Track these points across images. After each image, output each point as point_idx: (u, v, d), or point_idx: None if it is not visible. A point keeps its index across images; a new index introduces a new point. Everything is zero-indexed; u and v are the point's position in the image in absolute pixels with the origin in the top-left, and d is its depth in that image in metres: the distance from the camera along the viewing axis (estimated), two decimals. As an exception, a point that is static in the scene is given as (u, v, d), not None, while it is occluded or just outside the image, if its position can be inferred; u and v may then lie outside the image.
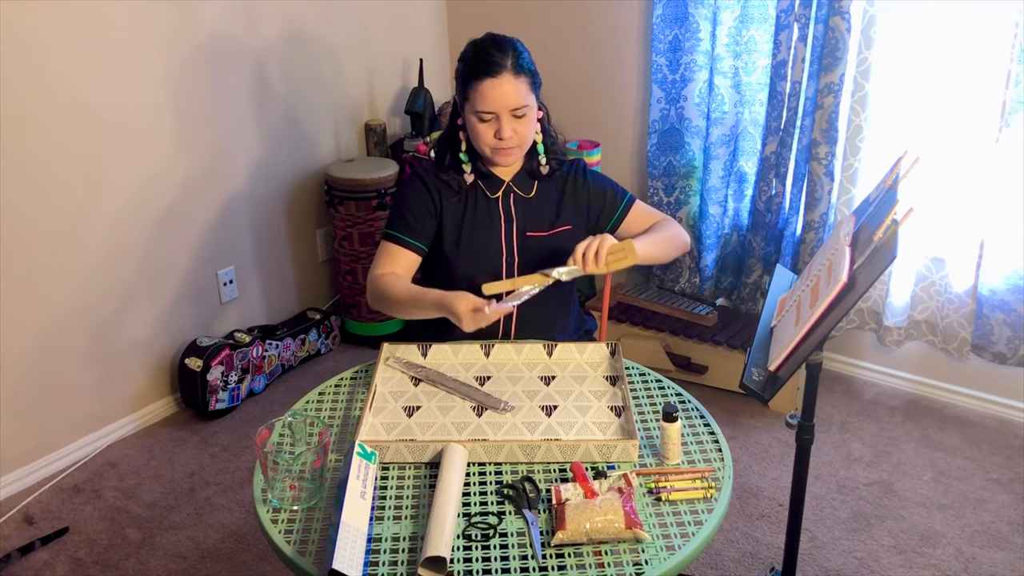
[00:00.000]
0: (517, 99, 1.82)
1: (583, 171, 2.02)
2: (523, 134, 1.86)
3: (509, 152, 1.87)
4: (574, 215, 1.99)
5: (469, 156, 1.94)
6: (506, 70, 1.80)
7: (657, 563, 1.32)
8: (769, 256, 3.10)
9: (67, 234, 2.65)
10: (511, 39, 1.87)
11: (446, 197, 1.94)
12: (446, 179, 1.94)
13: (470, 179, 1.94)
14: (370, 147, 3.51)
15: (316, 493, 1.46)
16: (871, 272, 1.46)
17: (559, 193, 1.99)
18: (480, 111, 1.83)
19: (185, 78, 2.86)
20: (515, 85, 1.81)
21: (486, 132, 1.85)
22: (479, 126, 1.85)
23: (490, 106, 1.81)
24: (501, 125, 1.82)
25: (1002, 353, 2.82)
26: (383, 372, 1.79)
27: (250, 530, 2.47)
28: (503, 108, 1.81)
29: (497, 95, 1.80)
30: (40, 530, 2.48)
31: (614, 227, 2.02)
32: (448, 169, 1.95)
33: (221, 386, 2.96)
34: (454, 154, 1.95)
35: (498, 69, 1.80)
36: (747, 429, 2.89)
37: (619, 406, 1.68)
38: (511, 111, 1.82)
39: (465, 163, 1.93)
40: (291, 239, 3.38)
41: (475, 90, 1.82)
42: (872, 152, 2.89)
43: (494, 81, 1.80)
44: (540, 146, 1.95)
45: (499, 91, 1.80)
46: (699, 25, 2.99)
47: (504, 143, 1.84)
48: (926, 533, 2.42)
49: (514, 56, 1.82)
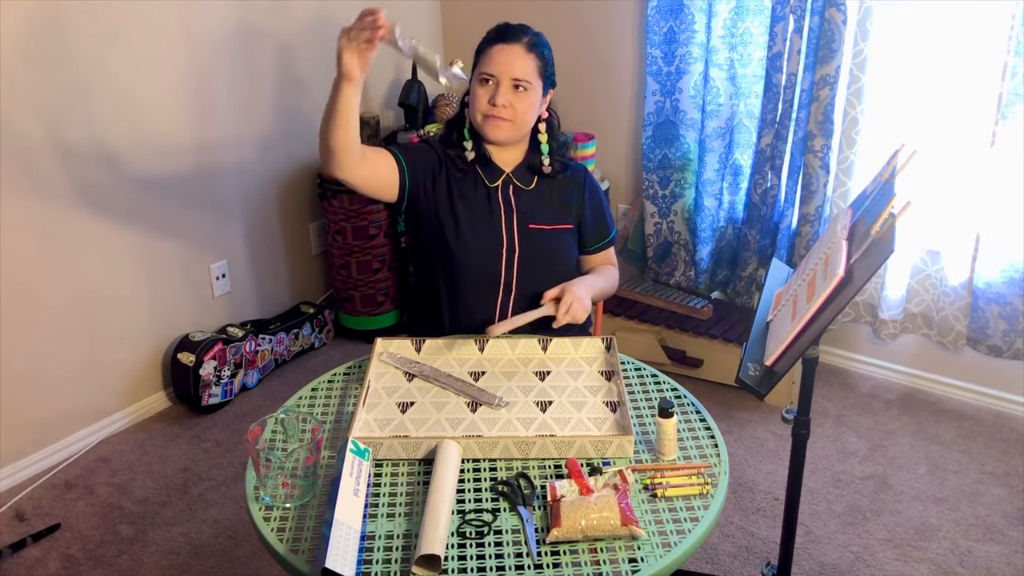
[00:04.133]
0: (522, 70, 1.85)
1: (587, 182, 2.04)
2: (519, 110, 1.87)
3: (499, 124, 1.87)
4: (573, 218, 2.01)
5: (471, 134, 1.95)
6: (520, 43, 1.86)
7: (653, 560, 1.31)
8: (765, 249, 3.09)
9: (59, 229, 2.63)
10: (538, 31, 1.92)
11: (451, 172, 1.96)
12: (451, 154, 1.96)
13: (471, 156, 1.95)
14: (364, 140, 3.47)
15: (309, 490, 1.45)
16: (868, 266, 1.45)
17: (561, 193, 2.00)
18: (482, 72, 1.87)
19: (175, 73, 2.84)
20: (523, 58, 1.85)
21: (482, 95, 1.87)
22: (478, 89, 1.88)
23: (492, 68, 1.85)
24: (498, 90, 1.85)
25: (997, 346, 2.82)
26: (376, 367, 1.78)
27: (243, 526, 2.46)
28: (504, 73, 1.84)
29: (502, 58, 1.84)
30: (32, 527, 2.46)
31: (584, 254, 2.07)
32: (453, 145, 1.97)
33: (214, 381, 2.95)
34: (457, 129, 1.97)
35: (512, 39, 1.86)
36: (743, 423, 2.89)
37: (614, 401, 1.67)
38: (512, 79, 1.84)
39: (467, 139, 1.95)
40: (284, 233, 3.36)
41: (484, 53, 1.87)
42: (868, 145, 2.88)
43: (503, 46, 1.85)
44: (544, 146, 1.97)
45: (505, 55, 1.84)
46: (694, 17, 2.98)
47: (496, 110, 1.85)
48: (921, 527, 2.42)
49: (534, 38, 1.88)
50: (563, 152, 2.00)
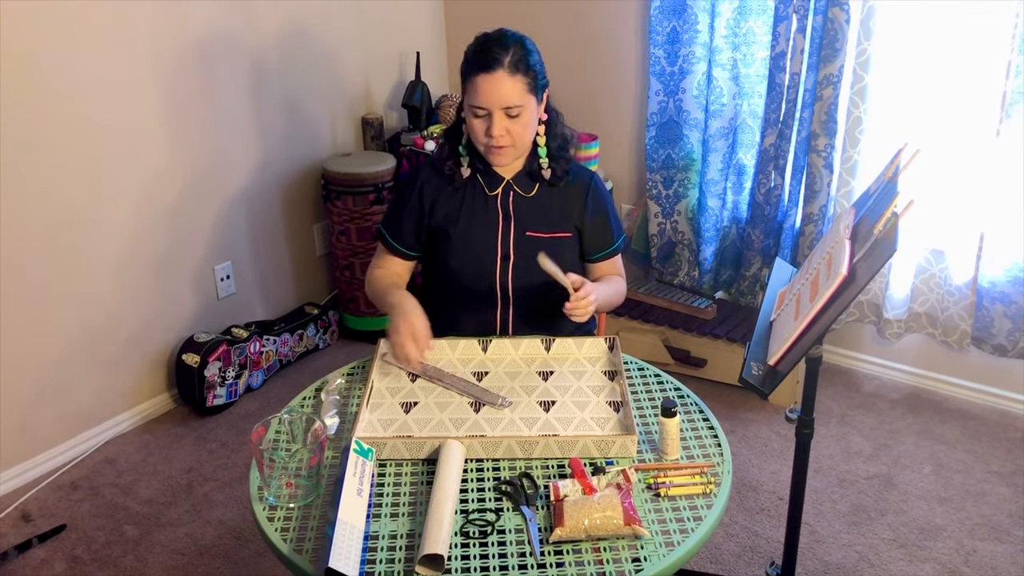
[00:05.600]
0: (510, 97, 1.78)
1: (592, 187, 1.98)
2: (517, 135, 1.82)
3: (500, 152, 1.84)
4: (573, 226, 1.96)
5: (468, 150, 1.92)
6: (502, 67, 1.76)
7: (656, 559, 1.31)
8: (768, 249, 3.09)
9: (64, 232, 2.64)
10: (519, 37, 1.83)
11: (442, 192, 1.93)
12: (445, 170, 1.93)
13: (466, 173, 1.92)
14: (367, 141, 3.49)
15: (313, 491, 1.45)
16: (871, 265, 1.45)
17: (562, 200, 1.95)
18: (473, 105, 1.81)
19: (182, 74, 2.84)
20: (510, 83, 1.77)
21: (479, 128, 1.82)
22: (473, 121, 1.83)
23: (482, 101, 1.79)
24: (492, 122, 1.80)
25: (1002, 345, 2.81)
26: (380, 368, 1.78)
27: (248, 526, 2.46)
28: (495, 105, 1.78)
29: (489, 91, 1.77)
30: (37, 527, 2.47)
31: (590, 261, 2.02)
32: (448, 160, 1.93)
33: (218, 382, 2.95)
34: (454, 146, 1.93)
35: (494, 65, 1.77)
36: (746, 423, 2.89)
37: (618, 401, 1.67)
38: (503, 108, 1.79)
39: (463, 156, 1.92)
40: (288, 234, 3.36)
41: (470, 83, 1.80)
42: (872, 144, 2.87)
43: (488, 77, 1.77)
44: (542, 149, 1.91)
45: (491, 87, 1.77)
46: (697, 17, 2.98)
47: (494, 141, 1.81)
48: (926, 526, 2.41)
49: (515, 54, 1.78)
50: (564, 151, 1.93)
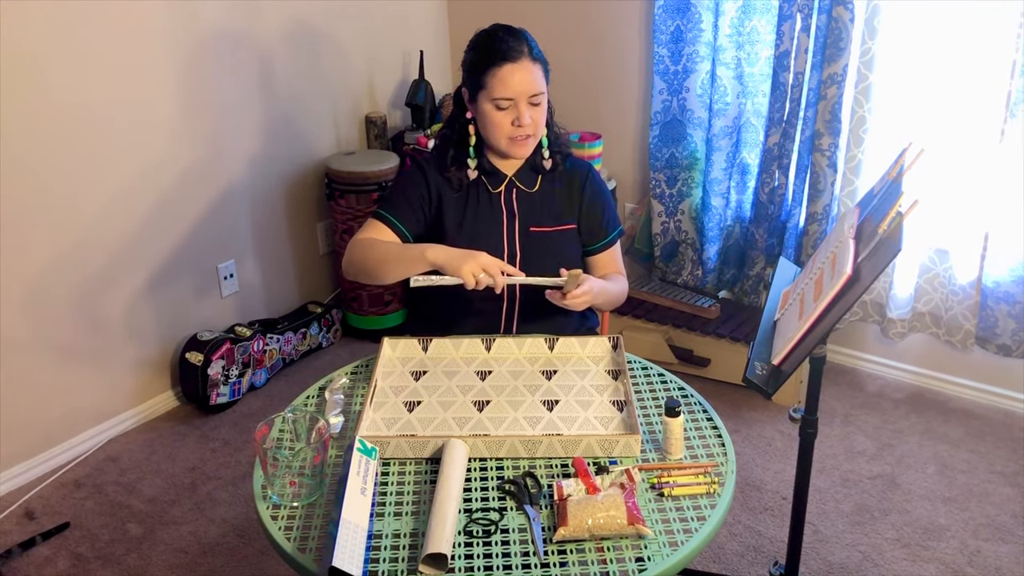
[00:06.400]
0: (535, 85, 1.81)
1: (590, 178, 1.98)
2: (538, 121, 1.85)
3: (525, 142, 1.85)
4: (574, 217, 1.96)
5: (476, 151, 1.91)
6: (524, 56, 1.80)
7: (660, 559, 1.31)
8: (772, 248, 3.08)
9: (66, 229, 2.64)
10: (520, 28, 1.86)
11: (446, 193, 1.92)
12: (447, 176, 1.92)
13: (473, 175, 1.92)
14: (371, 140, 3.49)
15: (316, 490, 1.45)
16: (876, 265, 1.45)
17: (564, 190, 1.96)
18: (498, 98, 1.80)
19: (185, 72, 2.85)
20: (533, 71, 1.81)
21: (503, 121, 1.82)
22: (496, 115, 1.82)
23: (510, 91, 1.79)
24: (520, 112, 1.81)
25: (1006, 345, 2.80)
26: (383, 367, 1.78)
27: (251, 525, 2.46)
28: (522, 94, 1.80)
29: (517, 80, 1.79)
30: (41, 525, 2.47)
31: (586, 255, 2.01)
32: (449, 166, 1.92)
33: (222, 380, 2.95)
34: (457, 150, 1.92)
35: (517, 54, 1.80)
36: (750, 422, 2.88)
37: (621, 400, 1.67)
38: (529, 97, 1.81)
39: (471, 158, 1.91)
40: (291, 232, 3.36)
41: (493, 76, 1.80)
42: (876, 143, 2.87)
43: (514, 66, 1.79)
44: (544, 139, 1.92)
45: (519, 76, 1.79)
46: (701, 15, 2.97)
47: (522, 130, 1.82)
48: (930, 526, 2.41)
49: (529, 43, 1.83)
50: (560, 138, 1.95)
